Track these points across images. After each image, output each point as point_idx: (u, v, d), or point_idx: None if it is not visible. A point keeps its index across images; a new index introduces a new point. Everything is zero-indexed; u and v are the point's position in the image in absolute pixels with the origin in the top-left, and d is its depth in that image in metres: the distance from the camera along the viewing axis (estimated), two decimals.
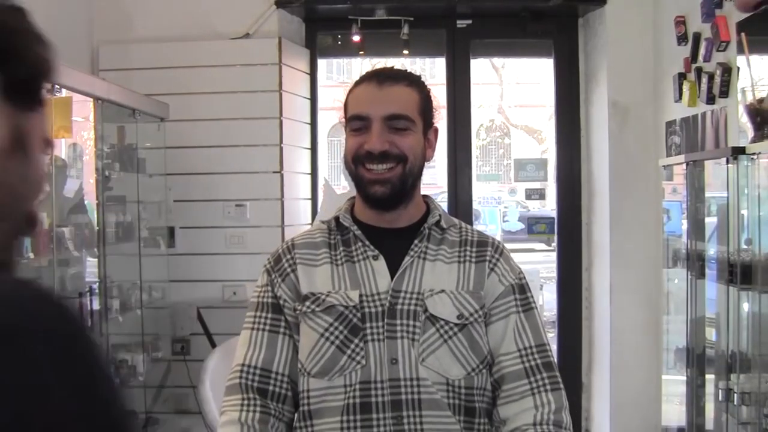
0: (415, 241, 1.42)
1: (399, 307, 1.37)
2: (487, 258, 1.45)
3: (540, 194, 11.23)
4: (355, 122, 1.40)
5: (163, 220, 3.79)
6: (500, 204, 15.04)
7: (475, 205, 4.69)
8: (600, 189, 3.98)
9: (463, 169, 4.26)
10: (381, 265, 1.41)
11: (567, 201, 4.18)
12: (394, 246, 1.42)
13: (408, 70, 1.49)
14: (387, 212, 1.45)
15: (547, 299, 6.25)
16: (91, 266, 3.24)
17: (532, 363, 1.40)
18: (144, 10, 3.87)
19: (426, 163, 1.47)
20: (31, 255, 2.69)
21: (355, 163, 1.40)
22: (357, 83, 1.44)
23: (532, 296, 1.48)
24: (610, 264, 3.84)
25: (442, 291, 1.40)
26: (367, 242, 1.42)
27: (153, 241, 3.72)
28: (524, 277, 1.49)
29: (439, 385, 1.35)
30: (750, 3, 2.32)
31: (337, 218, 1.47)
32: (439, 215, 1.46)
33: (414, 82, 1.44)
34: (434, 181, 8.71)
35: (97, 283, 3.17)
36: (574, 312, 4.13)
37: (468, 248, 1.46)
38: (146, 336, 3.54)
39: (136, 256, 3.50)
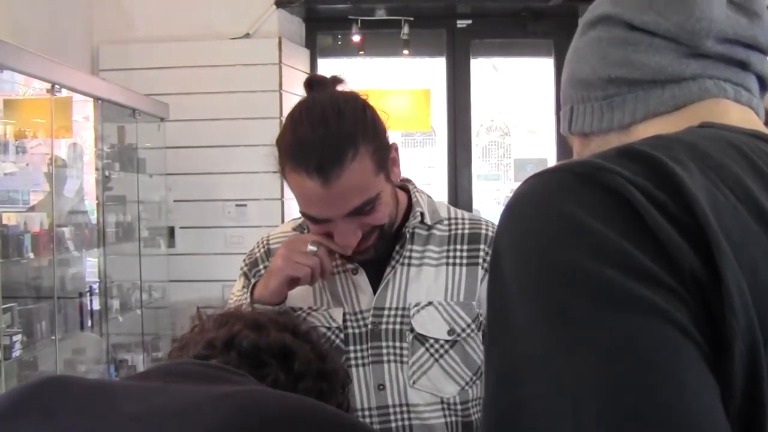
0: (396, 247, 1.26)
1: (383, 327, 1.25)
2: (480, 258, 1.28)
3: None
4: (312, 219, 1.18)
5: (163, 220, 3.79)
6: (501, 204, 15.04)
7: (475, 205, 4.69)
8: None
9: (463, 169, 4.26)
10: (362, 279, 1.27)
11: None
12: (377, 252, 1.25)
13: (337, 104, 1.14)
14: None
15: None
16: (91, 266, 3.25)
17: None
18: (144, 10, 3.88)
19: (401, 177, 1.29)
20: (31, 255, 2.69)
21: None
22: (293, 166, 1.12)
23: None
24: None
25: (430, 303, 1.26)
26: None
27: (153, 241, 3.73)
28: None
29: (434, 405, 1.25)
30: None
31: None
32: (420, 213, 1.28)
33: (357, 134, 1.12)
34: (434, 180, 8.72)
35: (97, 283, 3.18)
36: None
37: (458, 246, 1.29)
38: (146, 336, 3.55)
39: (136, 256, 3.51)
